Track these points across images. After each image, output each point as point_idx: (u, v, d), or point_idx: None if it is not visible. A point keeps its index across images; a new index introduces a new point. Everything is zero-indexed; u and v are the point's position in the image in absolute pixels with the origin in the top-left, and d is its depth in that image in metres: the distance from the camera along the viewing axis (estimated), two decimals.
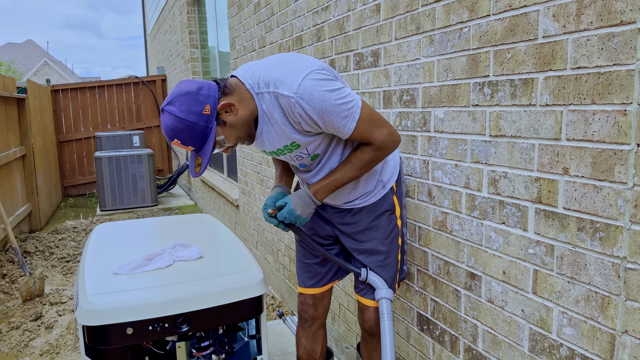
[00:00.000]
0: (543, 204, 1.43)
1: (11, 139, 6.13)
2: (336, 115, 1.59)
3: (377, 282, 1.85)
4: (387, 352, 1.74)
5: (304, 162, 1.82)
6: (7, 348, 3.45)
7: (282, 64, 1.65)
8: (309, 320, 2.08)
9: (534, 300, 1.49)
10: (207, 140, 1.60)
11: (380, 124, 1.68)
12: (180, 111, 1.56)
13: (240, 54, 4.44)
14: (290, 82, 1.57)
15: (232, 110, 1.61)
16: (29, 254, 5.54)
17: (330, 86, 1.58)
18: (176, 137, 1.58)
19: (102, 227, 2.69)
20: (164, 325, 1.72)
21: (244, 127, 1.65)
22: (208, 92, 1.59)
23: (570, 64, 1.31)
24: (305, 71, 1.58)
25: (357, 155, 1.72)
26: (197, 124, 1.56)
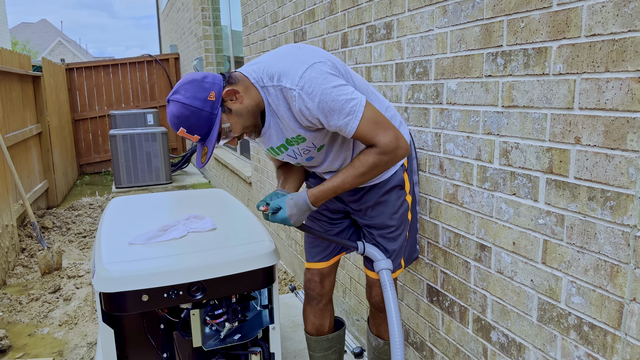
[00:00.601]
0: (554, 174, 1.43)
1: (28, 117, 6.21)
2: (338, 112, 1.56)
3: (375, 254, 1.87)
4: (394, 321, 1.77)
5: (311, 155, 1.80)
6: (27, 319, 3.56)
7: (285, 56, 1.63)
8: (316, 297, 2.10)
9: (543, 270, 1.50)
10: (213, 127, 1.59)
11: (386, 126, 1.62)
12: (185, 98, 1.56)
13: (252, 30, 4.43)
14: (293, 75, 1.55)
15: (237, 97, 1.61)
16: (46, 230, 5.66)
17: (333, 81, 1.56)
18: (182, 124, 1.58)
19: (118, 200, 2.73)
20: (179, 293, 1.76)
21: (249, 116, 1.64)
22: (213, 80, 1.60)
23: (584, 32, 1.30)
24: (308, 63, 1.56)
25: (361, 158, 1.65)
26: (202, 109, 1.56)
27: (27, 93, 6.33)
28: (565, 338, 1.45)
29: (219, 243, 1.97)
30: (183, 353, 1.99)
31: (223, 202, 2.64)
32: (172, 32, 11.68)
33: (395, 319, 1.76)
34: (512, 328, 1.66)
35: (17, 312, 3.65)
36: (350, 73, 1.76)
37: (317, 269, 2.07)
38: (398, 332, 1.75)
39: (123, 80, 10.10)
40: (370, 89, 1.84)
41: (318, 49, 1.68)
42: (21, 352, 3.10)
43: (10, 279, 4.28)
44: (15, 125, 5.57)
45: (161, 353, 2.02)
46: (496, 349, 1.74)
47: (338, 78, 1.59)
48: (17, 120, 5.71)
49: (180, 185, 7.91)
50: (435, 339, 2.11)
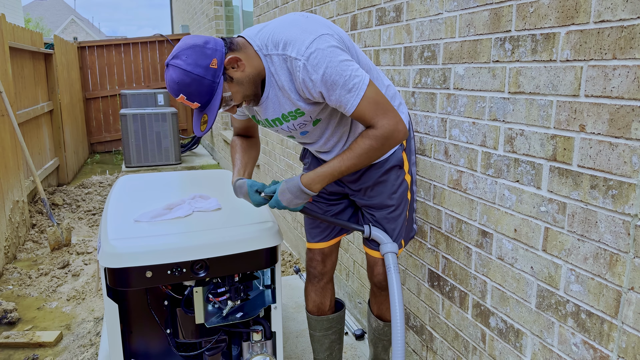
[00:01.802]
0: (558, 161, 1.42)
1: (39, 94, 6.25)
2: (341, 87, 1.53)
3: (381, 237, 1.88)
4: (396, 305, 1.78)
5: (306, 130, 1.77)
6: (36, 292, 3.63)
7: (292, 24, 1.59)
8: (317, 275, 2.12)
9: (544, 257, 1.50)
10: (214, 95, 1.56)
11: (387, 109, 1.59)
12: (186, 64, 1.51)
13: (263, 11, 4.40)
14: (299, 44, 1.52)
15: (239, 65, 1.57)
16: (56, 206, 5.73)
17: (339, 55, 1.53)
18: (182, 91, 1.54)
19: (126, 179, 2.76)
20: (182, 270, 1.78)
21: (250, 84, 1.61)
22: (215, 46, 1.55)
23: (593, 18, 1.28)
24: (316, 33, 1.53)
25: (358, 142, 1.62)
26: (204, 77, 1.52)
27: (39, 70, 6.36)
28: (562, 325, 1.46)
29: (223, 223, 1.99)
30: (186, 329, 2.03)
31: (228, 183, 2.66)
32: (184, 12, 11.64)
33: (398, 303, 1.78)
34: (510, 314, 1.67)
35: (27, 286, 3.73)
36: (355, 48, 1.73)
37: (319, 248, 2.09)
38: (400, 316, 1.76)
39: (134, 59, 10.11)
40: (372, 65, 1.81)
41: (325, 20, 1.64)
42: (30, 325, 3.17)
43: (20, 253, 4.36)
44: (27, 102, 5.62)
45: (164, 329, 2.05)
46: (494, 334, 1.75)
47: (344, 52, 1.56)
48: (29, 97, 5.76)
49: (189, 166, 7.96)
50: (435, 323, 2.13)
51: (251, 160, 1.98)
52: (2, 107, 4.32)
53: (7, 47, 4.71)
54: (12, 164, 4.48)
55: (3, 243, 4.02)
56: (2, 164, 4.21)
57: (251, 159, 1.98)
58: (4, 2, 14.09)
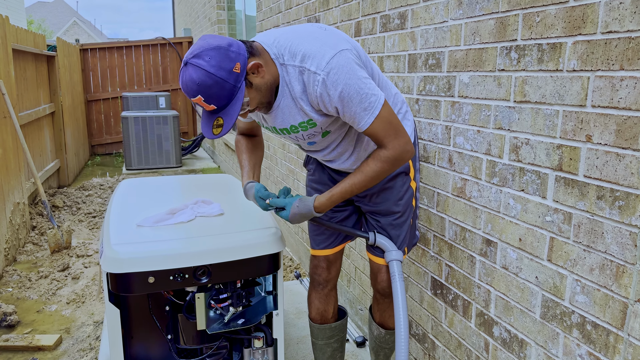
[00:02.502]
0: (564, 171, 1.42)
1: (41, 96, 6.26)
2: (357, 104, 1.53)
3: (386, 244, 1.87)
4: (400, 313, 1.77)
5: (314, 141, 1.78)
6: (36, 295, 3.62)
7: (311, 37, 1.58)
8: (322, 283, 2.11)
9: (549, 267, 1.50)
10: (234, 99, 1.52)
11: (398, 129, 1.61)
12: (210, 66, 1.46)
13: (266, 16, 4.41)
14: (319, 59, 1.51)
15: (260, 72, 1.55)
16: (57, 209, 5.73)
17: (358, 72, 1.53)
18: (201, 93, 1.48)
19: (128, 182, 2.76)
20: (184, 276, 1.78)
21: (267, 91, 1.59)
22: (238, 50, 1.51)
23: (600, 28, 1.28)
24: (336, 49, 1.52)
25: (370, 164, 1.64)
26: (226, 81, 1.47)
27: (41, 72, 6.37)
28: (567, 336, 1.45)
29: (226, 228, 1.98)
30: (187, 335, 2.02)
31: (231, 188, 2.65)
32: (186, 15, 11.66)
33: (402, 311, 1.76)
34: (514, 324, 1.66)
35: (27, 289, 3.71)
36: (369, 60, 1.74)
37: (323, 255, 2.08)
38: (404, 324, 1.75)
39: (136, 62, 10.12)
40: (381, 75, 1.82)
41: (343, 34, 1.64)
42: (29, 328, 3.16)
43: (20, 255, 4.34)
44: (28, 104, 5.62)
45: (166, 334, 2.05)
46: (498, 344, 1.74)
47: (362, 69, 1.56)
48: (31, 99, 5.76)
49: (190, 169, 7.96)
50: (437, 332, 2.12)
51: (258, 161, 1.99)
52: (4, 109, 4.32)
53: (10, 49, 4.71)
54: (13, 166, 4.47)
55: (3, 245, 4.01)
56: (4, 166, 4.20)
57: (258, 159, 1.99)
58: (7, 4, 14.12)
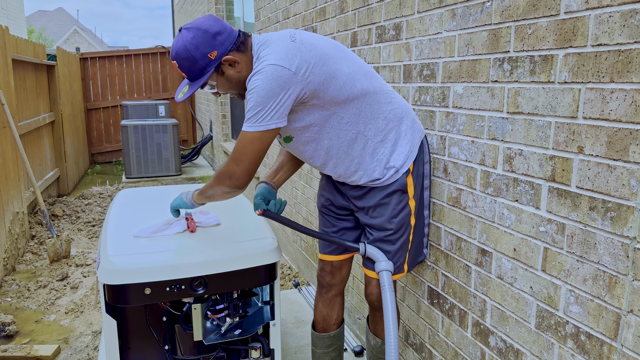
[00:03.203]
0: (556, 182, 1.43)
1: (41, 105, 6.28)
2: (250, 107, 1.63)
3: (377, 255, 1.88)
4: (390, 323, 1.77)
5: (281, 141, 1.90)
6: (34, 305, 3.62)
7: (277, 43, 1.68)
8: (325, 286, 2.13)
9: (543, 277, 1.50)
10: (200, 78, 1.69)
11: (242, 160, 1.68)
12: (190, 43, 1.64)
13: (264, 25, 4.44)
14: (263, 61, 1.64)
15: (235, 66, 1.70)
16: (56, 217, 5.73)
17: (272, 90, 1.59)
18: (177, 60, 1.68)
19: (125, 192, 2.77)
20: (181, 287, 1.78)
21: (237, 84, 1.74)
22: (223, 40, 1.67)
23: (590, 41, 1.29)
24: (278, 62, 1.61)
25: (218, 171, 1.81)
26: (198, 61, 1.65)
27: (41, 82, 6.40)
28: (562, 346, 1.45)
29: (222, 239, 1.99)
30: (184, 346, 2.02)
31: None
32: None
33: (392, 322, 1.77)
34: (510, 334, 1.66)
35: (25, 299, 3.71)
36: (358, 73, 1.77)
37: (329, 260, 2.10)
38: (394, 335, 1.75)
39: (136, 70, 10.17)
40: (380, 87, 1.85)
41: (305, 50, 1.66)
42: (28, 338, 3.16)
43: (19, 265, 4.35)
44: (28, 113, 5.64)
45: (163, 345, 2.05)
46: (494, 354, 1.75)
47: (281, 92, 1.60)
48: (31, 108, 5.78)
49: (189, 177, 7.97)
50: (434, 341, 2.12)
51: (288, 166, 2.08)
52: (3, 119, 4.34)
53: (9, 59, 4.74)
54: (12, 176, 4.49)
55: (2, 255, 4.02)
56: (3, 176, 4.21)
57: (289, 165, 2.08)
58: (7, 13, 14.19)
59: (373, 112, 1.81)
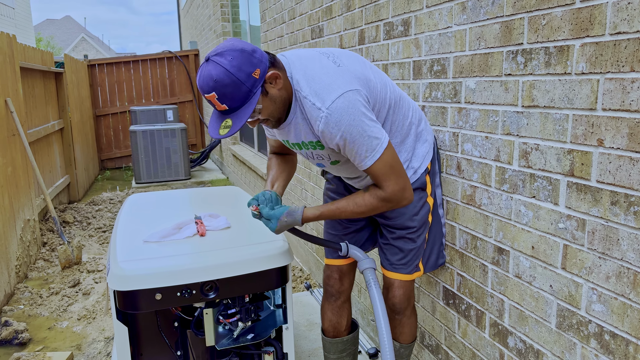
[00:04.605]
0: (575, 177, 1.38)
1: (50, 113, 6.31)
2: (359, 146, 1.56)
3: (358, 254, 1.86)
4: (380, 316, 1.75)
5: (322, 164, 1.80)
6: (47, 312, 3.62)
7: (322, 72, 1.59)
8: (334, 294, 2.09)
9: (563, 275, 1.46)
10: (247, 103, 1.52)
11: (398, 174, 1.63)
12: (231, 65, 1.47)
13: (270, 27, 4.41)
14: (325, 97, 1.54)
15: (277, 83, 1.56)
16: (67, 224, 5.75)
17: (362, 115, 1.54)
18: (216, 90, 1.48)
19: (135, 197, 2.75)
20: (192, 292, 1.76)
21: (281, 105, 1.60)
22: (260, 57, 1.53)
23: (609, 30, 1.24)
24: (342, 89, 1.54)
25: (365, 197, 1.68)
26: (243, 83, 1.48)
27: (50, 89, 6.43)
28: (585, 346, 1.40)
29: (232, 242, 1.96)
30: (196, 351, 1.99)
31: (238, 200, 2.64)
32: (192, 28, 11.75)
33: (382, 315, 1.75)
34: (530, 334, 1.61)
35: (38, 306, 3.71)
36: (380, 86, 1.72)
37: (337, 265, 2.06)
38: (386, 328, 1.73)
39: (143, 76, 10.20)
40: (397, 95, 1.81)
41: (356, 70, 1.64)
42: (41, 345, 3.15)
43: (31, 272, 4.35)
44: (37, 121, 5.67)
45: (175, 351, 2.02)
46: (513, 354, 1.70)
47: (367, 112, 1.57)
48: (40, 116, 5.81)
49: (199, 181, 7.97)
50: (451, 343, 2.08)
51: (283, 175, 1.96)
52: (13, 127, 4.36)
53: (18, 67, 4.75)
54: (23, 183, 4.50)
55: (14, 262, 4.02)
56: (13, 184, 4.22)
57: (283, 174, 1.97)
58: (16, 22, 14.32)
59: (399, 120, 1.80)
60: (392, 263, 1.92)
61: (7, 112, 4.27)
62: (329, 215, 1.74)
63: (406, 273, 1.91)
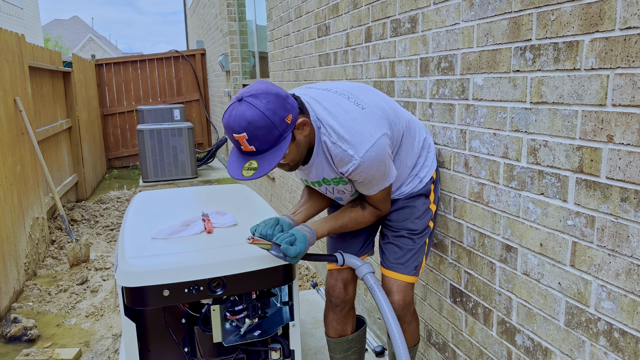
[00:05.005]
0: (584, 173, 1.37)
1: (58, 112, 6.35)
2: (375, 184, 1.71)
3: (355, 261, 1.87)
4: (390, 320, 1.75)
5: (341, 197, 1.88)
6: (56, 309, 3.64)
7: (348, 118, 1.63)
8: (339, 304, 2.06)
9: (572, 273, 1.45)
10: (275, 147, 1.53)
11: (389, 197, 1.85)
12: (267, 108, 1.47)
13: (276, 25, 4.42)
14: (358, 146, 1.60)
15: (304, 130, 1.59)
16: (75, 222, 5.78)
17: (387, 160, 1.68)
18: (248, 131, 1.47)
19: (142, 195, 2.76)
20: (199, 289, 1.76)
21: (304, 150, 1.64)
22: (293, 104, 1.55)
23: (619, 25, 1.23)
24: (374, 136, 1.61)
25: (365, 215, 1.86)
26: (277, 127, 1.49)
27: (58, 88, 6.47)
28: (594, 344, 1.39)
29: (239, 239, 1.96)
30: (204, 348, 2.00)
31: (245, 198, 2.64)
32: (198, 27, 11.78)
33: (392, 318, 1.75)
34: (538, 332, 1.61)
35: (47, 303, 3.74)
36: (395, 116, 1.79)
37: (340, 273, 2.04)
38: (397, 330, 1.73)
39: (150, 75, 10.24)
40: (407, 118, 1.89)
41: (378, 109, 1.70)
42: (49, 342, 3.17)
43: (40, 270, 4.39)
44: (46, 120, 5.70)
45: (182, 347, 2.03)
46: (521, 352, 1.69)
47: (391, 153, 1.72)
48: (48, 115, 5.84)
49: (205, 179, 7.99)
50: (458, 340, 2.07)
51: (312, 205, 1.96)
52: (22, 126, 4.39)
53: (26, 66, 4.79)
54: (31, 182, 4.53)
55: (23, 260, 4.05)
56: (22, 182, 4.25)
57: (312, 204, 1.97)
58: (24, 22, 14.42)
59: (409, 143, 1.88)
60: (390, 262, 1.93)
61: (16, 111, 4.30)
62: (334, 231, 1.85)
63: (404, 273, 1.90)
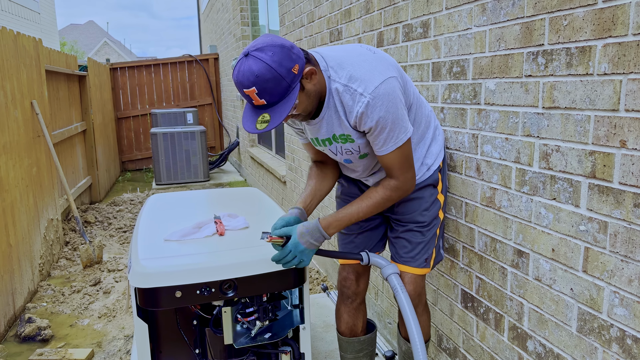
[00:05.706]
0: (597, 178, 1.37)
1: (73, 115, 6.43)
2: (388, 131, 1.61)
3: (380, 261, 1.87)
4: (411, 321, 1.74)
5: (350, 159, 1.82)
6: (69, 310, 3.68)
7: (360, 59, 1.63)
8: (351, 296, 2.09)
9: (584, 279, 1.44)
10: (285, 98, 1.53)
11: (410, 165, 1.72)
12: (272, 60, 1.48)
13: (289, 30, 4.45)
14: (368, 82, 1.57)
15: (313, 78, 1.59)
16: (89, 224, 5.85)
17: (399, 102, 1.61)
18: (256, 85, 1.49)
19: (155, 198, 2.79)
20: (211, 290, 1.78)
21: (315, 99, 1.63)
22: (298, 53, 1.55)
23: (632, 30, 1.23)
24: (385, 75, 1.59)
25: (378, 191, 1.73)
26: (284, 79, 1.50)
27: (73, 92, 6.56)
28: (606, 351, 1.38)
29: (251, 242, 1.98)
30: (215, 349, 2.01)
31: (257, 201, 2.66)
32: (212, 32, 11.88)
33: (413, 321, 1.74)
34: (549, 338, 1.60)
35: (60, 303, 3.79)
36: (409, 82, 1.78)
37: (352, 266, 2.06)
38: (417, 332, 1.73)
39: (164, 79, 10.34)
40: (417, 95, 1.86)
41: (390, 59, 1.70)
42: (62, 342, 3.21)
43: (54, 270, 4.44)
44: (61, 122, 5.78)
45: (193, 349, 2.05)
46: (533, 358, 1.68)
47: (402, 99, 1.64)
48: (64, 118, 5.93)
49: (217, 182, 8.04)
50: (469, 346, 2.06)
51: (320, 190, 1.95)
52: (38, 129, 4.46)
53: (43, 70, 4.87)
54: (47, 183, 4.59)
55: (38, 261, 4.11)
56: (38, 184, 4.32)
57: (320, 188, 1.95)
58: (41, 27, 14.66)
59: (419, 118, 1.84)
60: (400, 256, 1.94)
61: (33, 113, 4.37)
62: (347, 219, 1.75)
63: (414, 266, 1.91)
